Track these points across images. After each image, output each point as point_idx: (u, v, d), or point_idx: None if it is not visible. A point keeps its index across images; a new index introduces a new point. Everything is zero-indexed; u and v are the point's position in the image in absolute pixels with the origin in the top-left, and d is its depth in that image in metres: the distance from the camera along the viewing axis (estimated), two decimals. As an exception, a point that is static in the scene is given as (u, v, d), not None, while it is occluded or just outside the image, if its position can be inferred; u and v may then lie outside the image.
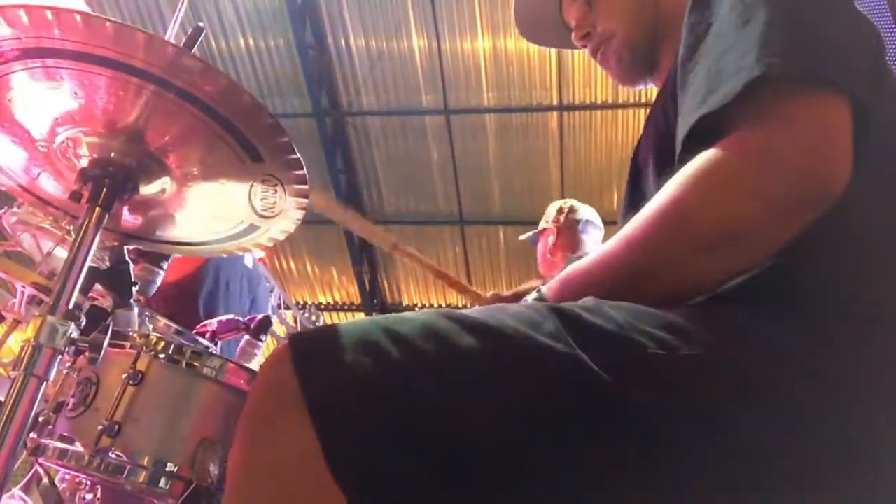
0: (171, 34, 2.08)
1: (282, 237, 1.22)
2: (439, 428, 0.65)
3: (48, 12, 0.90)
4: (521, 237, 2.93)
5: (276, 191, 1.11)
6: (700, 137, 0.79)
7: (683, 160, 0.79)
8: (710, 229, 0.75)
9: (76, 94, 1.01)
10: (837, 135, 0.74)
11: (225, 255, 1.36)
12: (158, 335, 1.32)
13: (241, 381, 1.29)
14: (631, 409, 0.67)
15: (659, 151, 0.93)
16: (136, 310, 1.36)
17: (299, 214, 1.16)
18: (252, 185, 1.11)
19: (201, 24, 1.11)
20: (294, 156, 1.04)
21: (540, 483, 0.65)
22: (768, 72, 0.73)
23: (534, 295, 0.88)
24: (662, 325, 0.72)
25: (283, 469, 0.66)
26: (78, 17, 0.89)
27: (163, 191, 1.15)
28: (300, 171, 1.07)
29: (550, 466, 0.66)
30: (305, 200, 1.13)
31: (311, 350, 0.69)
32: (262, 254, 2.91)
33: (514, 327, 0.70)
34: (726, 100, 0.75)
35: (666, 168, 0.83)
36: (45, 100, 1.05)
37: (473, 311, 0.73)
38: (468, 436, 0.65)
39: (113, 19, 0.90)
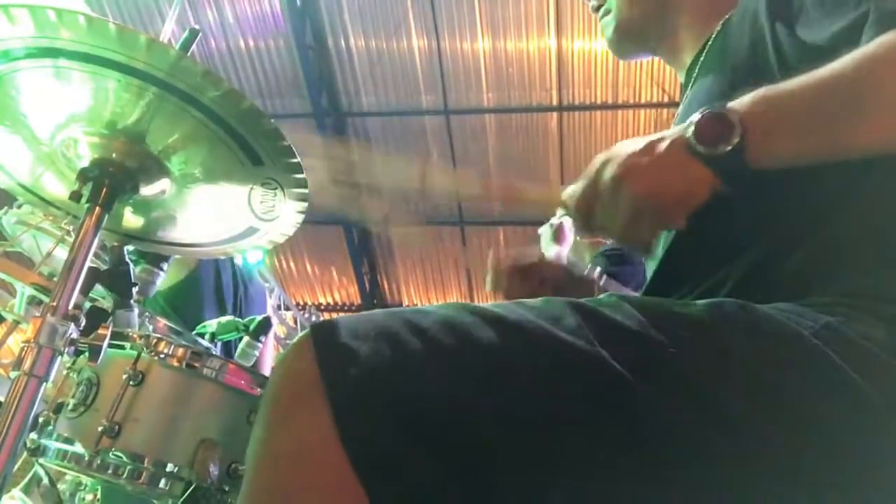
0: (166, 34, 2.08)
1: (281, 240, 1.23)
2: (457, 420, 0.66)
3: (52, 12, 0.90)
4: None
5: (275, 194, 1.12)
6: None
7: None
8: None
9: (79, 94, 1.02)
10: None
11: (223, 256, 1.36)
12: (159, 336, 1.32)
13: (242, 382, 1.29)
14: (650, 407, 0.67)
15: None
16: (136, 310, 1.36)
17: (299, 218, 1.16)
18: (252, 188, 1.12)
19: (196, 27, 1.11)
20: (294, 160, 1.04)
21: (555, 479, 0.66)
22: None
23: (709, 109, 0.75)
24: (685, 323, 0.72)
25: (302, 455, 0.66)
26: (81, 19, 0.89)
27: (162, 192, 1.15)
28: (300, 175, 1.07)
29: (567, 462, 0.66)
30: (305, 204, 1.13)
31: (332, 339, 0.70)
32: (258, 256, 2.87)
33: (534, 322, 0.70)
34: None
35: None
36: (49, 99, 1.05)
37: (494, 306, 0.73)
38: (485, 429, 0.66)
39: (115, 21, 0.90)
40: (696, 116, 0.75)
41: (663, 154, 0.75)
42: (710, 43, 1.05)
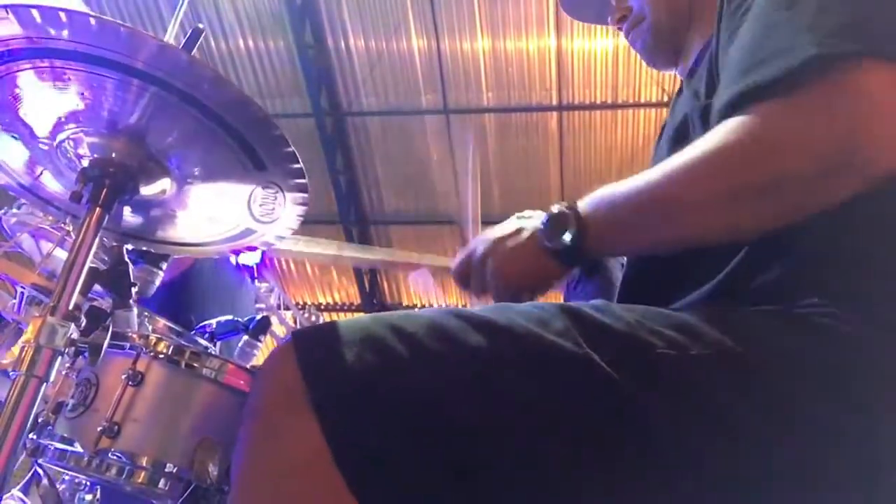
0: (171, 35, 2.08)
1: (277, 242, 1.23)
2: (446, 426, 0.66)
3: (51, 12, 0.90)
4: None
5: (275, 197, 1.11)
6: (737, 110, 0.78)
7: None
8: (755, 175, 0.74)
9: (81, 94, 1.02)
10: (890, 104, 0.72)
11: (217, 256, 1.37)
12: (158, 336, 1.32)
13: (241, 382, 1.29)
14: (639, 408, 0.67)
15: (683, 132, 0.94)
16: (135, 310, 1.36)
17: (296, 221, 1.16)
18: (252, 191, 1.12)
19: (200, 26, 1.11)
20: (297, 165, 1.04)
21: (545, 481, 0.66)
22: (823, 52, 0.71)
23: (557, 209, 0.85)
24: (673, 324, 0.73)
25: (292, 469, 0.66)
26: (82, 19, 0.89)
27: (163, 192, 1.15)
28: (302, 181, 1.07)
29: (556, 464, 0.66)
30: (304, 208, 1.13)
31: (315, 348, 0.69)
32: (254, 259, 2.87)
33: (522, 325, 0.70)
34: (778, 74, 0.73)
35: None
36: (49, 99, 1.05)
37: (482, 310, 0.74)
38: (475, 434, 0.66)
39: (125, 24, 0.90)
40: (545, 215, 0.87)
41: (521, 244, 0.88)
42: (704, 54, 1.04)
